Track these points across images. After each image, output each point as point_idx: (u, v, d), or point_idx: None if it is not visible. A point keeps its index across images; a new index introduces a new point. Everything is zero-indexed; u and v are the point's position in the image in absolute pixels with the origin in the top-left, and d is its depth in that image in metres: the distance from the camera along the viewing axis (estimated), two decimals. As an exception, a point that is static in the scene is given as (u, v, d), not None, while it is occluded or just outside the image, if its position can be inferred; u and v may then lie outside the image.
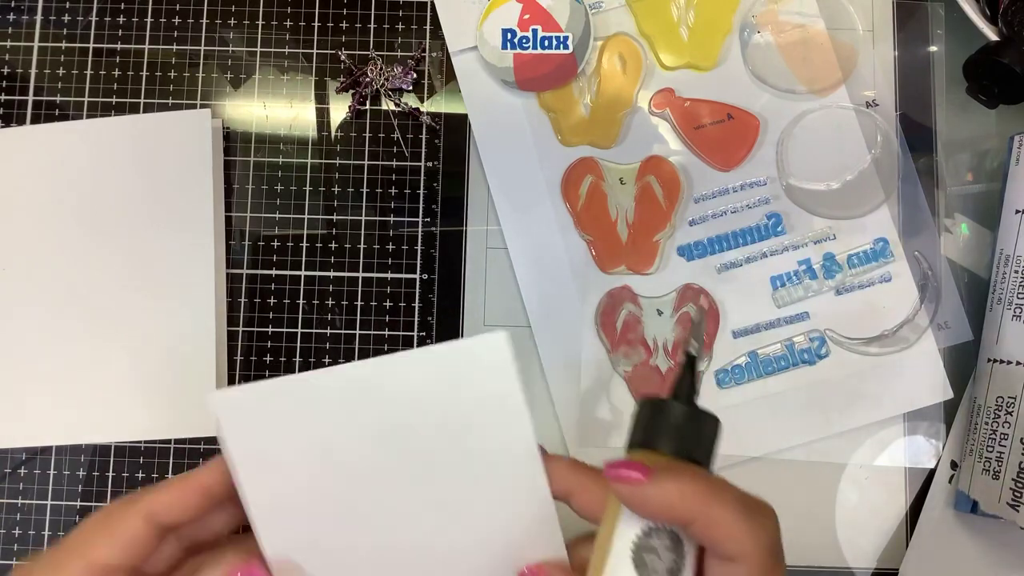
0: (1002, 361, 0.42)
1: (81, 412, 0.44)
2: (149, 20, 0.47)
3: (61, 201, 0.45)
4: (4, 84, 0.47)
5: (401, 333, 0.46)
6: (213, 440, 0.45)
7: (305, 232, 0.46)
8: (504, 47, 0.45)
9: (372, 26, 0.47)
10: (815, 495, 0.45)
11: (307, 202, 0.47)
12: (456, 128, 0.47)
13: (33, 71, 0.47)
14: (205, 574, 0.30)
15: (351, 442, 0.30)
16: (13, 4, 0.48)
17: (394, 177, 0.47)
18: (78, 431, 0.44)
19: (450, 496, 0.31)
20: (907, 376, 0.45)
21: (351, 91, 0.47)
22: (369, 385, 0.30)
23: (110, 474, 0.45)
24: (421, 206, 0.46)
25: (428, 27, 0.47)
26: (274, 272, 0.46)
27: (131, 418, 0.44)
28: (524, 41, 0.45)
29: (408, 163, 0.47)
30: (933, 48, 0.47)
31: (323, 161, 0.47)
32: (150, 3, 0.47)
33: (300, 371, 0.36)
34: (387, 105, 0.47)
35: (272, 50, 0.47)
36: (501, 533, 0.32)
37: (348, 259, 0.46)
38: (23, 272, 0.44)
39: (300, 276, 0.46)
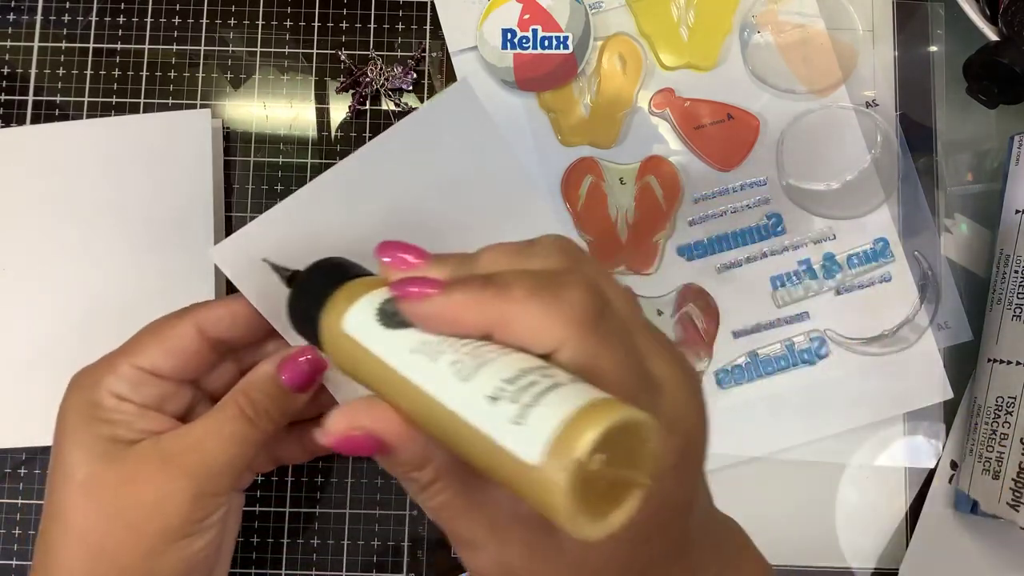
0: (1002, 361, 0.42)
1: (81, 412, 0.44)
2: (149, 20, 0.47)
3: (60, 201, 0.45)
4: (4, 84, 0.47)
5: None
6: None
7: (305, 232, 0.46)
8: (504, 47, 0.45)
9: (372, 26, 0.47)
10: (815, 495, 0.45)
11: (307, 202, 0.47)
12: (456, 128, 0.47)
13: (33, 71, 0.47)
14: (259, 367, 0.31)
15: (362, 229, 0.30)
16: (13, 4, 0.47)
17: (394, 177, 0.47)
18: (78, 431, 0.44)
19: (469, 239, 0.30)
20: (907, 376, 0.45)
21: (351, 91, 0.47)
22: (361, 174, 0.29)
23: (110, 474, 0.45)
24: (421, 206, 0.46)
25: (428, 27, 0.47)
26: (274, 272, 0.46)
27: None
28: (524, 41, 0.45)
29: (408, 163, 0.47)
30: (933, 48, 0.47)
31: (323, 161, 0.47)
32: (150, 3, 0.47)
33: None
34: (387, 105, 0.47)
35: (272, 50, 0.47)
36: None
37: (348, 259, 0.46)
38: (22, 272, 0.44)
39: (300, 276, 0.46)
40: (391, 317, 0.23)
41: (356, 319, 0.24)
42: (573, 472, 0.18)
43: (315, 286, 0.26)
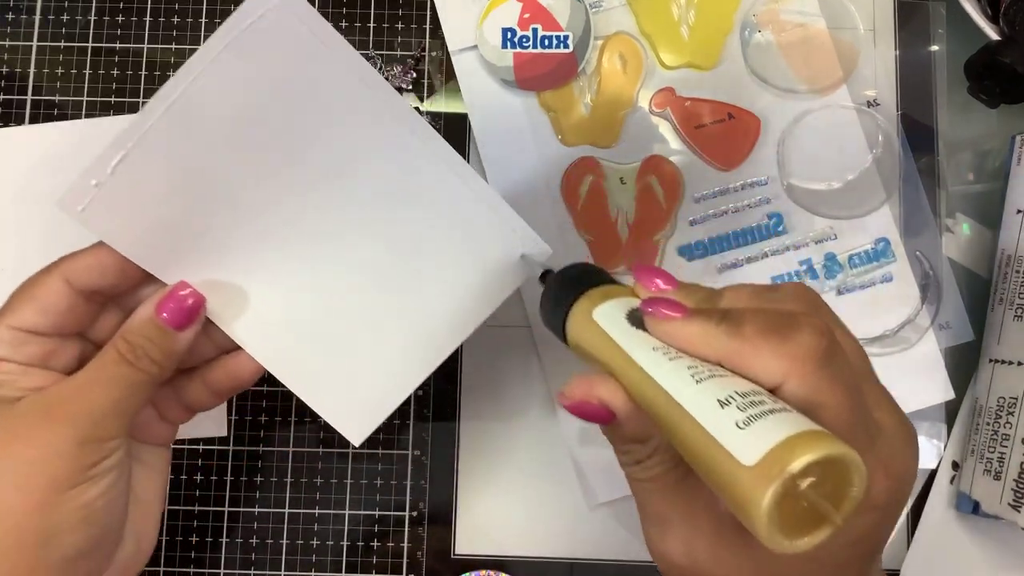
0: (1003, 361, 0.42)
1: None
2: (148, 20, 0.47)
3: (60, 201, 0.45)
4: (3, 84, 0.47)
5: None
6: (213, 441, 0.45)
7: (305, 232, 0.46)
8: (504, 46, 0.45)
9: (371, 25, 0.47)
10: (816, 496, 0.45)
11: (307, 202, 0.46)
12: (456, 127, 0.47)
13: (32, 71, 0.47)
14: (138, 310, 0.31)
15: (210, 162, 0.30)
16: (12, 4, 0.47)
17: (394, 177, 0.47)
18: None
19: (328, 166, 0.31)
20: (908, 376, 0.45)
21: (351, 91, 0.47)
22: (190, 106, 0.29)
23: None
24: (421, 206, 0.46)
25: (428, 26, 0.47)
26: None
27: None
28: (524, 40, 0.45)
29: (408, 163, 0.47)
30: (934, 47, 0.47)
31: (323, 161, 0.47)
32: (149, 3, 0.47)
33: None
34: (387, 105, 0.47)
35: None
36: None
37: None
38: (22, 272, 0.44)
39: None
40: (640, 319, 0.26)
41: (607, 312, 0.27)
42: (782, 482, 0.20)
43: (573, 281, 0.30)
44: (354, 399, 0.34)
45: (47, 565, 0.27)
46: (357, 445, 0.34)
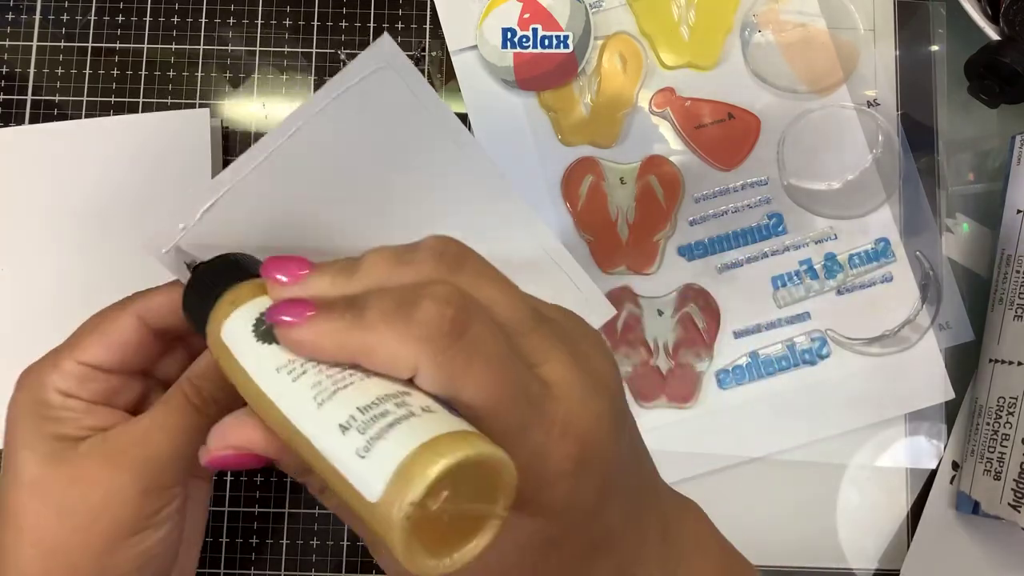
0: (1003, 361, 0.42)
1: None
2: (148, 19, 0.47)
3: (59, 201, 0.45)
4: (3, 84, 0.47)
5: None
6: (212, 440, 0.45)
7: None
8: (504, 46, 0.45)
9: (372, 25, 0.47)
10: (816, 496, 0.45)
11: (306, 202, 0.46)
12: (456, 128, 0.46)
13: (32, 71, 0.47)
14: (205, 354, 0.30)
15: (300, 210, 0.30)
16: (12, 3, 0.47)
17: (394, 177, 0.47)
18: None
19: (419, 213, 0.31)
20: (908, 377, 0.45)
21: (351, 91, 0.47)
22: (290, 152, 0.29)
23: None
24: (421, 206, 0.46)
25: (428, 26, 0.47)
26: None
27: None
28: (524, 40, 0.45)
29: (408, 163, 0.47)
30: (935, 47, 0.47)
31: (323, 161, 0.47)
32: (149, 2, 0.47)
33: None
34: (387, 105, 0.47)
35: (272, 49, 0.47)
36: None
37: (348, 259, 0.46)
38: (22, 272, 0.44)
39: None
40: (266, 330, 0.23)
41: (234, 327, 0.24)
42: (406, 516, 0.18)
43: (207, 284, 0.26)
44: None
45: None
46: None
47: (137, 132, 0.45)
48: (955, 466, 0.44)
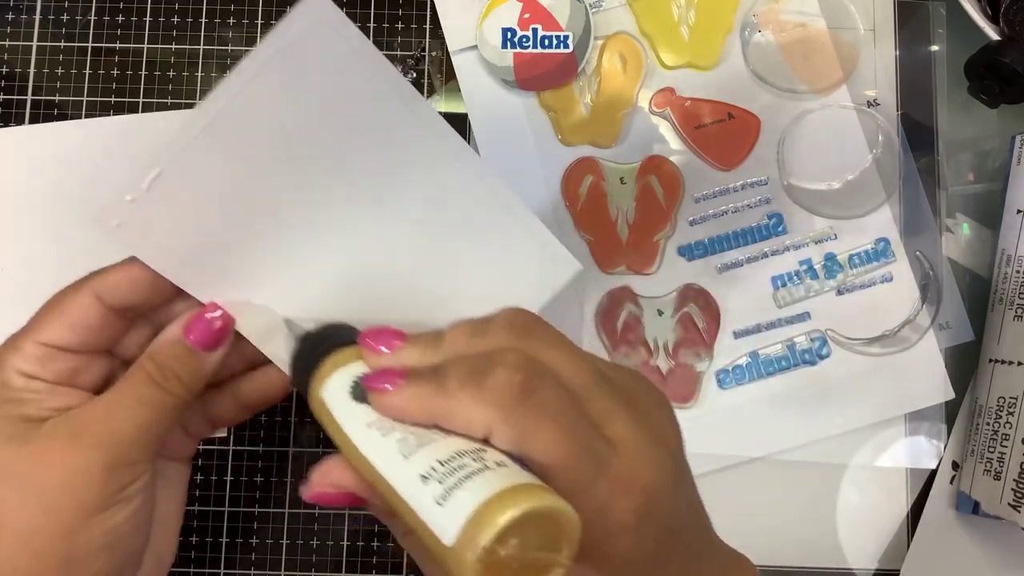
0: (1003, 361, 0.42)
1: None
2: (148, 19, 0.47)
3: (60, 201, 0.45)
4: (3, 84, 0.47)
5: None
6: (213, 441, 0.45)
7: (305, 232, 0.46)
8: (504, 46, 0.45)
9: (372, 25, 0.47)
10: (816, 496, 0.45)
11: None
12: (456, 127, 0.46)
13: (32, 70, 0.47)
14: (166, 331, 0.31)
15: (248, 179, 0.30)
16: (12, 3, 0.47)
17: (394, 177, 0.46)
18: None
19: (368, 185, 0.31)
20: (908, 376, 0.45)
21: (351, 90, 0.47)
22: (228, 123, 0.29)
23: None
24: (421, 206, 0.46)
25: (428, 26, 0.47)
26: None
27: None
28: (524, 40, 0.45)
29: (408, 163, 0.47)
30: (934, 47, 0.47)
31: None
32: (149, 2, 0.47)
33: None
34: (387, 105, 0.47)
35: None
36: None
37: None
38: (22, 272, 0.44)
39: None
40: (361, 393, 0.26)
41: (332, 387, 0.27)
42: (478, 559, 0.20)
43: (311, 349, 0.29)
44: None
45: None
46: None
47: (137, 132, 0.45)
48: (955, 466, 0.44)
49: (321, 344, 0.29)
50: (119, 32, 0.47)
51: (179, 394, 0.29)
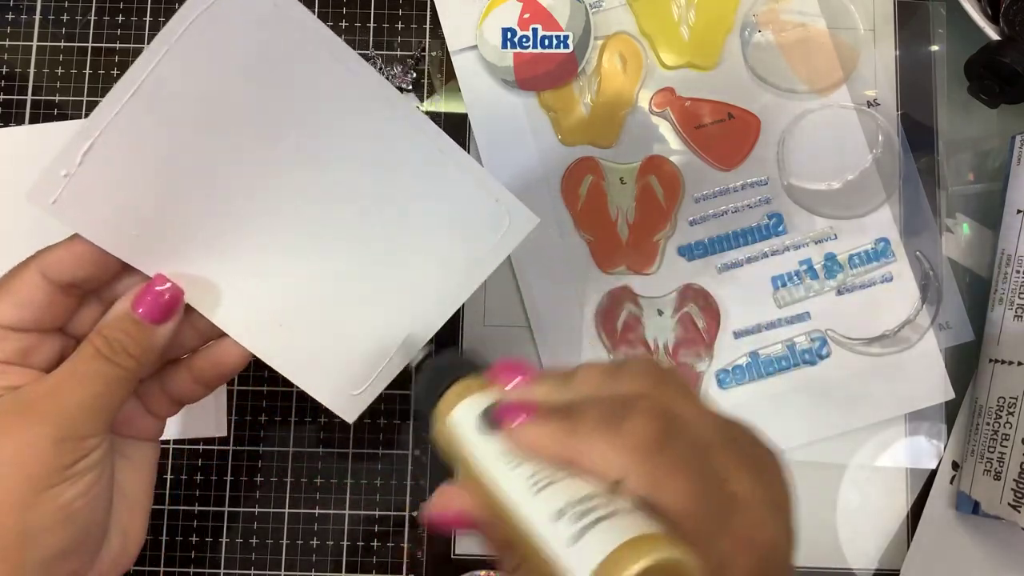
0: (1003, 361, 0.42)
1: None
2: (148, 19, 0.47)
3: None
4: (3, 84, 0.47)
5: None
6: (212, 440, 0.45)
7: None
8: (504, 46, 0.45)
9: (372, 25, 0.47)
10: (816, 496, 0.45)
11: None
12: (456, 127, 0.47)
13: (32, 70, 0.47)
14: (115, 305, 0.30)
15: (183, 147, 0.30)
16: (12, 3, 0.47)
17: (394, 177, 0.47)
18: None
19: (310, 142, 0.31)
20: (908, 376, 0.45)
21: (351, 90, 0.47)
22: (155, 90, 0.28)
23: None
24: (421, 206, 0.46)
25: (428, 26, 0.47)
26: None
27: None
28: (524, 40, 0.45)
29: (408, 163, 0.47)
30: (934, 47, 0.47)
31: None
32: (149, 2, 0.47)
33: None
34: (387, 105, 0.47)
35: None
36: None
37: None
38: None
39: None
40: (490, 423, 0.27)
41: (461, 415, 0.28)
42: None
43: (436, 375, 0.30)
44: (344, 377, 0.34)
45: (28, 565, 0.27)
46: (350, 422, 0.34)
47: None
48: (955, 466, 0.44)
49: (447, 370, 0.30)
50: (119, 32, 0.47)
51: (130, 368, 0.29)
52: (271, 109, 0.30)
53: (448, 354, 0.32)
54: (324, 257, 0.33)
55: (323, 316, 0.33)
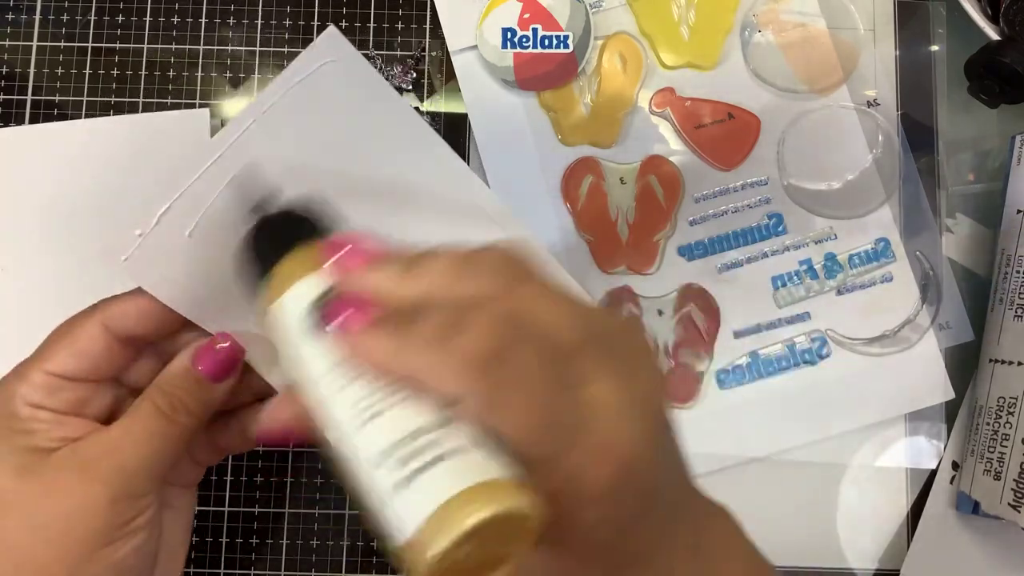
0: (1003, 361, 0.42)
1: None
2: (148, 19, 0.47)
3: (60, 201, 0.45)
4: (3, 84, 0.47)
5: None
6: (212, 440, 0.45)
7: (305, 232, 0.46)
8: (504, 46, 0.45)
9: (372, 25, 0.47)
10: (816, 496, 0.45)
11: (307, 202, 0.46)
12: (456, 128, 0.47)
13: (32, 71, 0.47)
14: (175, 361, 0.30)
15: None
16: (12, 3, 0.47)
17: (394, 177, 0.46)
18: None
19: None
20: (908, 376, 0.45)
21: (351, 91, 0.47)
22: (247, 150, 0.29)
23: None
24: (421, 206, 0.46)
25: (428, 26, 0.47)
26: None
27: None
28: (524, 40, 0.45)
29: (408, 163, 0.47)
30: (934, 47, 0.47)
31: (323, 161, 0.47)
32: (149, 3, 0.47)
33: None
34: (387, 105, 0.47)
35: (272, 50, 0.47)
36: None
37: (348, 259, 0.46)
38: (21, 272, 0.44)
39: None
40: (321, 320, 0.23)
41: (289, 302, 0.24)
42: (437, 560, 0.19)
43: (266, 244, 0.26)
44: None
45: None
46: None
47: (137, 132, 0.45)
48: (955, 466, 0.44)
49: (282, 230, 0.26)
50: (119, 32, 0.47)
51: (187, 425, 0.29)
52: (347, 180, 0.30)
53: (287, 208, 0.27)
54: None
55: None
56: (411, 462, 0.20)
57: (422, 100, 0.47)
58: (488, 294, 0.23)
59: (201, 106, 0.47)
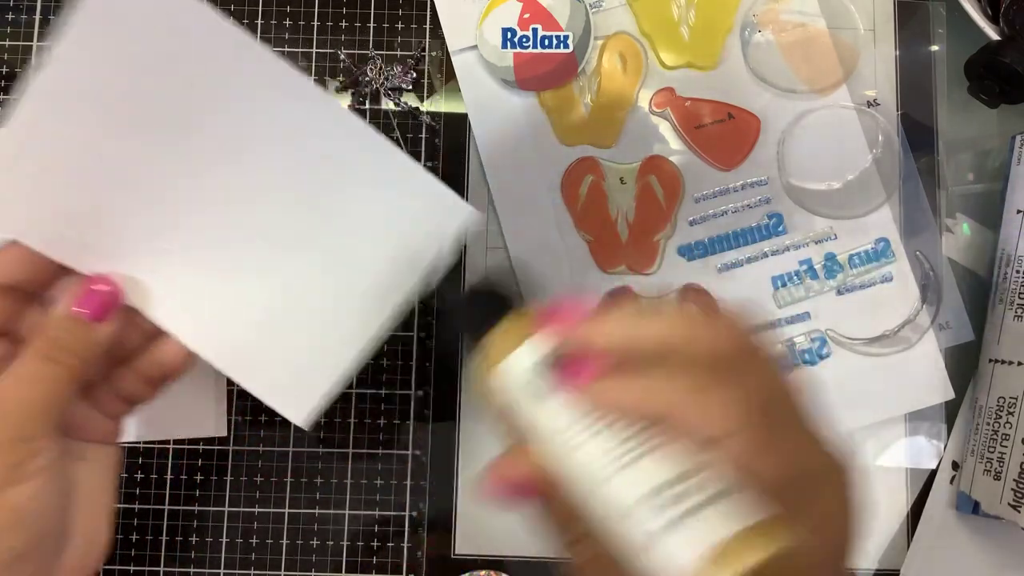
0: (1003, 361, 0.42)
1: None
2: (148, 19, 0.47)
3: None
4: (3, 84, 0.47)
5: (401, 334, 0.46)
6: (213, 440, 0.45)
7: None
8: (504, 46, 0.45)
9: (372, 25, 0.47)
10: (816, 496, 0.45)
11: (306, 202, 0.46)
12: (456, 127, 0.47)
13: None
14: (55, 305, 0.30)
15: (102, 148, 0.30)
16: (12, 4, 0.47)
17: (394, 177, 0.46)
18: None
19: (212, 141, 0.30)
20: (908, 376, 0.45)
21: (351, 90, 0.47)
22: (54, 89, 0.28)
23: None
24: (421, 206, 0.46)
25: (428, 26, 0.47)
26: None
27: (129, 420, 0.43)
28: (524, 40, 0.45)
29: (408, 163, 0.47)
30: (934, 47, 0.47)
31: (323, 161, 0.46)
32: (149, 2, 0.47)
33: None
34: (387, 104, 0.47)
35: (272, 50, 0.47)
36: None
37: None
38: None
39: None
40: (554, 377, 0.23)
41: (515, 366, 0.24)
42: None
43: (474, 318, 0.26)
44: (291, 378, 0.33)
45: None
46: (304, 426, 0.33)
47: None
48: (955, 466, 0.44)
49: (488, 304, 0.26)
50: (119, 32, 0.47)
51: (73, 367, 0.29)
52: (178, 105, 0.30)
53: (485, 284, 0.27)
54: (262, 256, 0.32)
55: (265, 315, 0.33)
56: (680, 504, 0.20)
57: (422, 100, 0.47)
58: (741, 347, 0.23)
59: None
